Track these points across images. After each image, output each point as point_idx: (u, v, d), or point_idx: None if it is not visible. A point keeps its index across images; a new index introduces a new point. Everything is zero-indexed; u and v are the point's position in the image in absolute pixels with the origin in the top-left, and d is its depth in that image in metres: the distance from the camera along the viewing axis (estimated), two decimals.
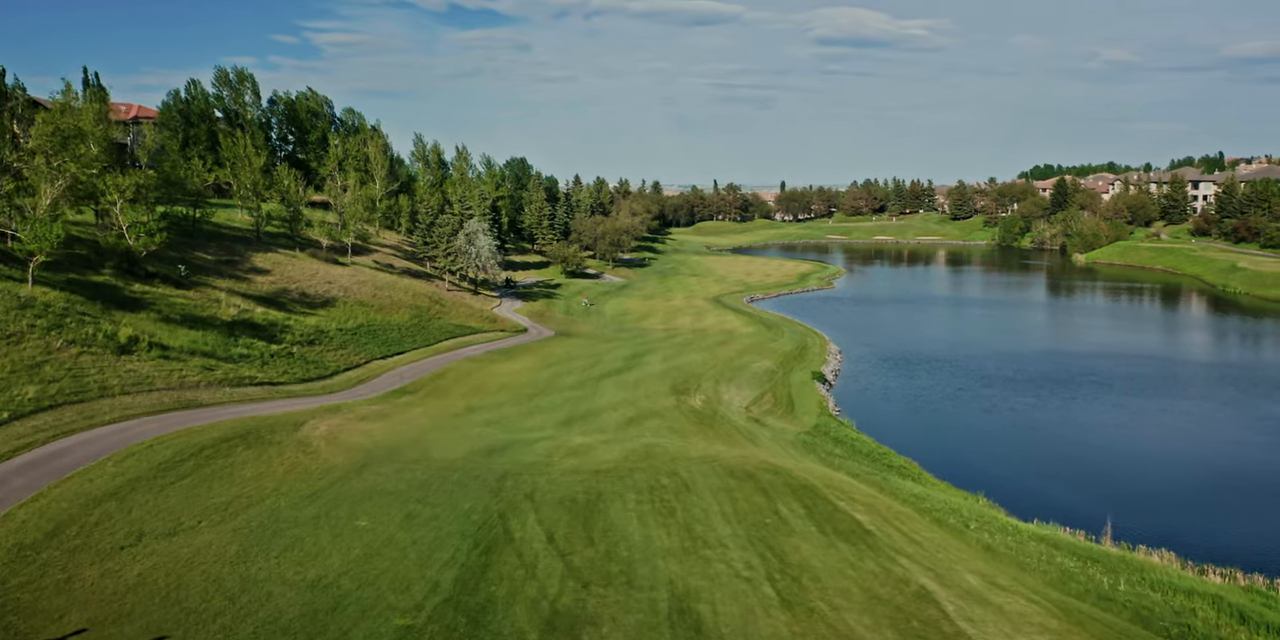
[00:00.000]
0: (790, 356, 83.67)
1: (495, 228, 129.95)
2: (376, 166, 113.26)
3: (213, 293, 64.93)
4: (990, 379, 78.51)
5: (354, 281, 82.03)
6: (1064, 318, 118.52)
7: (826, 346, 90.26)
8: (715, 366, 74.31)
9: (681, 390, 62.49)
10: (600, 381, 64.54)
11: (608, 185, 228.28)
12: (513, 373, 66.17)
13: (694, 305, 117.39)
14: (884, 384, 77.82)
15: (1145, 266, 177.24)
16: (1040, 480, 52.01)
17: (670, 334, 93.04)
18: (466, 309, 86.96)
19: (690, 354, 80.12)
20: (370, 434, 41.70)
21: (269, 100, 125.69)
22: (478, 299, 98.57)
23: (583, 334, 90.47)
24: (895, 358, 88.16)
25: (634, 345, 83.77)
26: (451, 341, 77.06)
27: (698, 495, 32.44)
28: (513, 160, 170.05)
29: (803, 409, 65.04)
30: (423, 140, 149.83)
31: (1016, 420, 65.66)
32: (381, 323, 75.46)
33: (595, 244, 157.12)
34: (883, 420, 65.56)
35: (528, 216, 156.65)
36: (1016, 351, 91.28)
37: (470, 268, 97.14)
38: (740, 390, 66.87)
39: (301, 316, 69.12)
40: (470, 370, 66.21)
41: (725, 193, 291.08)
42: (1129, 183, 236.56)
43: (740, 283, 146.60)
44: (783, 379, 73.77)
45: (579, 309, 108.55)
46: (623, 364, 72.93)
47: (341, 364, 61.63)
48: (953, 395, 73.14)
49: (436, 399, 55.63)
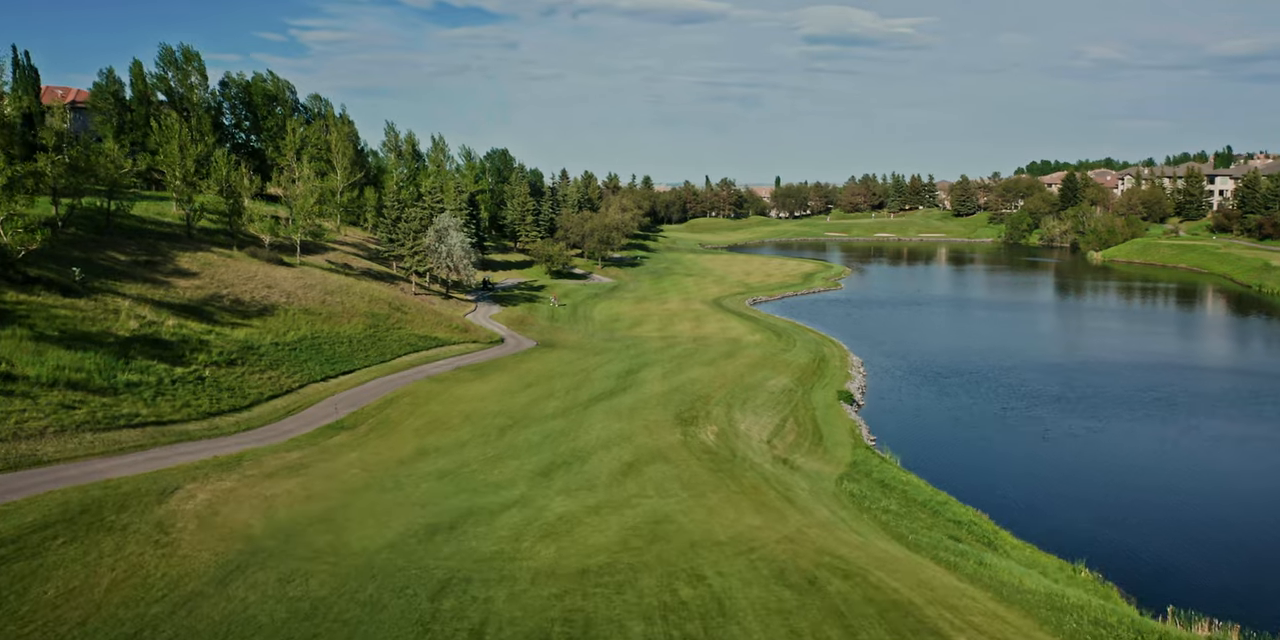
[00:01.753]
0: (808, 371, 72.32)
1: (473, 224, 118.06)
2: (338, 155, 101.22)
3: (113, 301, 52.95)
4: (1036, 396, 67.65)
5: (300, 285, 70.13)
6: (1098, 322, 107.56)
7: (847, 358, 78.93)
8: (724, 385, 62.87)
9: (688, 419, 50.95)
10: (589, 408, 52.94)
11: (596, 180, 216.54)
12: (482, 397, 54.47)
13: (692, 309, 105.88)
14: (917, 404, 66.69)
15: (1167, 265, 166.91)
16: (1141, 538, 40.88)
17: (668, 343, 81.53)
18: (434, 316, 75.13)
19: (693, 368, 68.65)
20: (269, 505, 29.95)
21: (220, 82, 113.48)
22: (449, 304, 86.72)
23: (568, 344, 78.80)
24: (924, 370, 77.07)
25: (628, 358, 72.23)
26: (412, 356, 65.27)
27: (739, 624, 20.95)
28: (494, 152, 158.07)
29: (833, 440, 53.69)
30: (394, 129, 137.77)
31: (1081, 449, 54.79)
32: (329, 334, 63.61)
33: (583, 242, 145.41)
34: (926, 451, 54.53)
35: (510, 212, 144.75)
36: (1058, 362, 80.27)
37: (441, 268, 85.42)
38: (758, 417, 55.40)
39: (227, 329, 57.22)
40: (430, 394, 54.47)
41: (719, 188, 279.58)
42: (1141, 178, 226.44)
43: (740, 283, 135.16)
44: (804, 400, 62.39)
45: (564, 314, 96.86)
46: (615, 383, 61.36)
47: (267, 390, 49.79)
48: (998, 417, 62.25)
49: (380, 438, 43.88)
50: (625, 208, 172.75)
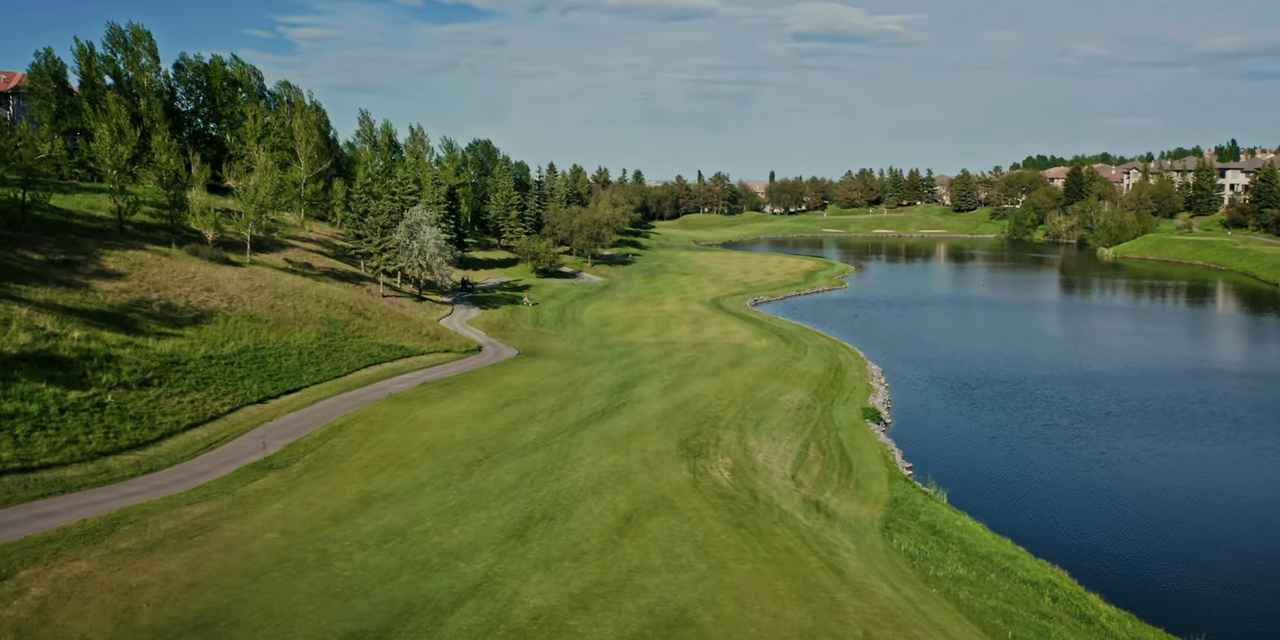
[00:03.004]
0: (825, 383, 64.07)
1: (452, 219, 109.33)
2: (301, 143, 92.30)
3: (8, 309, 44.17)
4: (1081, 411, 59.90)
5: (246, 288, 61.39)
6: (1128, 324, 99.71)
7: (866, 367, 70.70)
8: (732, 401, 54.55)
9: (695, 449, 42.57)
10: (576, 434, 44.48)
11: (585, 174, 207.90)
12: (450, 421, 45.92)
13: (690, 311, 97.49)
14: (949, 421, 58.65)
15: (1183, 262, 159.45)
16: (1247, 596, 32.81)
17: (666, 350, 73.14)
18: (401, 322, 66.45)
19: (696, 381, 60.31)
20: (130, 604, 21.41)
21: (175, 65, 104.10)
22: (421, 307, 78.04)
23: (555, 353, 70.29)
24: (950, 380, 69.05)
25: (621, 369, 63.82)
26: (373, 369, 56.64)
27: None
28: (476, 143, 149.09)
29: (866, 470, 45.44)
30: (369, 118, 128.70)
31: (1146, 477, 47.14)
32: (275, 345, 54.93)
33: (571, 238, 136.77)
34: (971, 482, 46.68)
35: (493, 206, 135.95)
36: (1097, 370, 72.31)
37: (412, 267, 76.78)
38: (775, 443, 47.05)
39: (150, 341, 48.50)
40: (388, 418, 45.90)
41: (713, 183, 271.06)
42: (1148, 172, 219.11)
43: (739, 282, 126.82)
44: (825, 419, 54.09)
45: (550, 318, 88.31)
46: (607, 400, 52.91)
47: (188, 417, 41.14)
48: (1042, 436, 54.52)
49: (317, 479, 35.31)
50: (616, 202, 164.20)
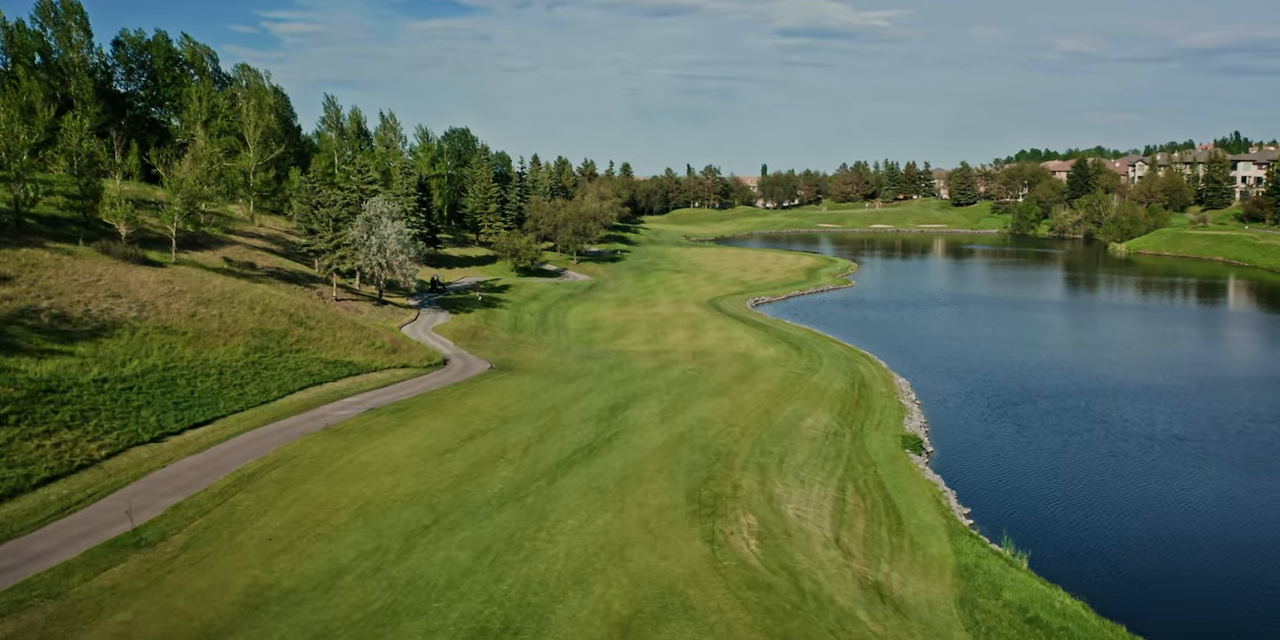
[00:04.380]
0: (849, 401, 54.76)
1: (423, 212, 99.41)
2: (250, 127, 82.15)
3: None
4: (1146, 433, 51.61)
5: (164, 293, 51.47)
6: (1165, 326, 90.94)
7: (892, 382, 61.44)
8: (746, 429, 45.17)
9: (709, 502, 33.16)
10: (556, 481, 34.98)
11: (570, 167, 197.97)
12: (393, 465, 36.28)
13: (686, 313, 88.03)
14: (997, 448, 49.75)
15: (1201, 257, 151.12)
16: None
17: (662, 362, 63.72)
18: (352, 332, 56.60)
19: (700, 400, 50.93)
20: None
21: (114, 41, 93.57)
22: (381, 312, 68.18)
23: (533, 366, 60.67)
24: (987, 395, 60.13)
25: (612, 386, 54.34)
26: (311, 392, 46.86)
27: None
28: (453, 132, 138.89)
29: (917, 520, 36.24)
30: (335, 104, 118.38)
31: (1259, 525, 38.06)
32: (191, 364, 45.11)
33: (555, 233, 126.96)
34: (1046, 534, 38.28)
35: (470, 199, 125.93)
36: (1148, 383, 63.54)
37: (371, 266, 66.99)
38: (806, 488, 37.67)
39: (27, 361, 38.68)
40: (316, 462, 36.21)
41: (703, 176, 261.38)
42: (1156, 164, 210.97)
43: (737, 281, 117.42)
44: (858, 451, 44.76)
45: (530, 323, 78.63)
46: (595, 431, 43.41)
47: (46, 466, 31.37)
48: (1110, 468, 46.34)
49: (194, 567, 25.63)
50: (604, 196, 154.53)
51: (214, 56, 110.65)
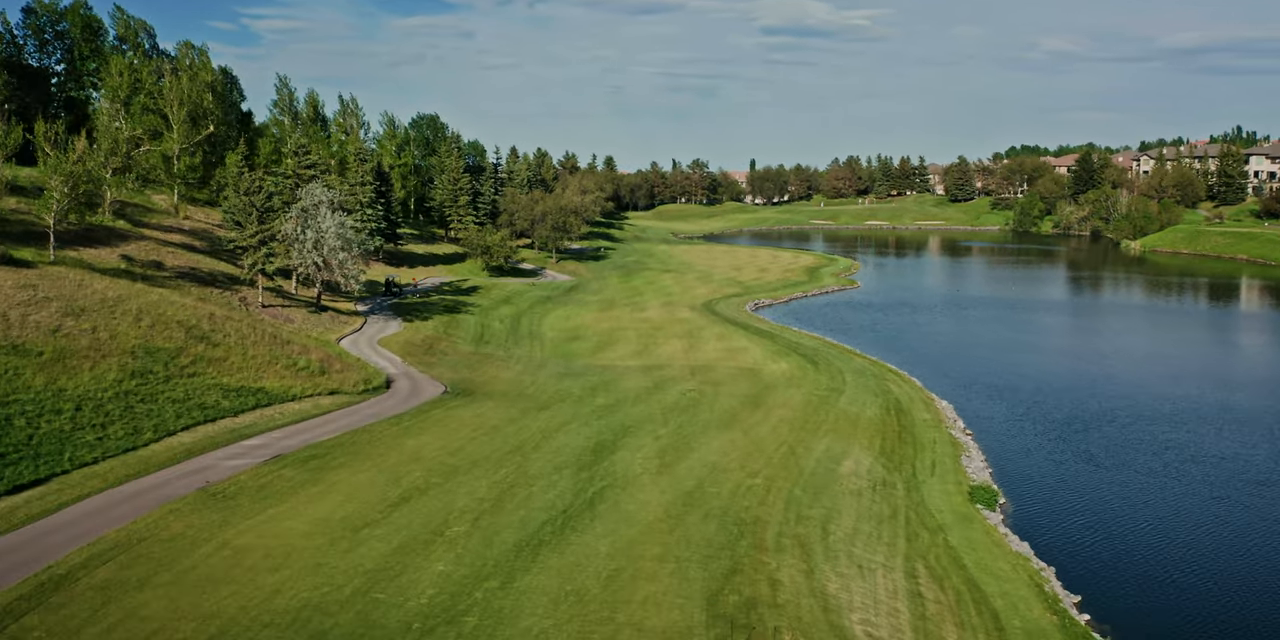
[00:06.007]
0: (889, 434, 44.26)
1: (381, 204, 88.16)
2: (173, 104, 70.62)
3: None
4: (1250, 471, 41.89)
5: (22, 301, 40.20)
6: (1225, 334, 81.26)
7: (933, 405, 50.96)
8: (772, 480, 34.60)
9: (739, 618, 22.48)
10: (514, 579, 24.21)
11: (551, 159, 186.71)
12: (282, 553, 25.37)
13: (679, 319, 77.31)
14: (1079, 493, 40.68)
15: (1223, 255, 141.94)
16: None
17: (656, 381, 53.04)
18: (272, 348, 45.39)
19: (706, 436, 40.33)
20: None
21: (24, 9, 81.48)
22: (319, 321, 56.99)
23: (499, 388, 49.72)
24: (1042, 419, 50.63)
25: (595, 416, 43.57)
26: (198, 433, 35.75)
27: None
28: (421, 118, 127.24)
29: (1023, 629, 25.73)
30: (289, 85, 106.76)
31: None
32: (40, 395, 33.96)
33: (533, 229, 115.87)
34: (1181, 628, 27.53)
35: (438, 191, 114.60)
36: (1234, 404, 54.16)
37: (306, 265, 55.89)
38: (867, 581, 27.07)
39: None
40: (170, 550, 25.25)
41: (691, 170, 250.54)
42: (1163, 158, 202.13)
43: (732, 281, 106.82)
44: (918, 512, 34.23)
45: (500, 331, 67.65)
46: (572, 488, 32.60)
47: None
48: (1223, 519, 38.20)
49: None
50: (586, 189, 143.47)
51: (151, 31, 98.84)
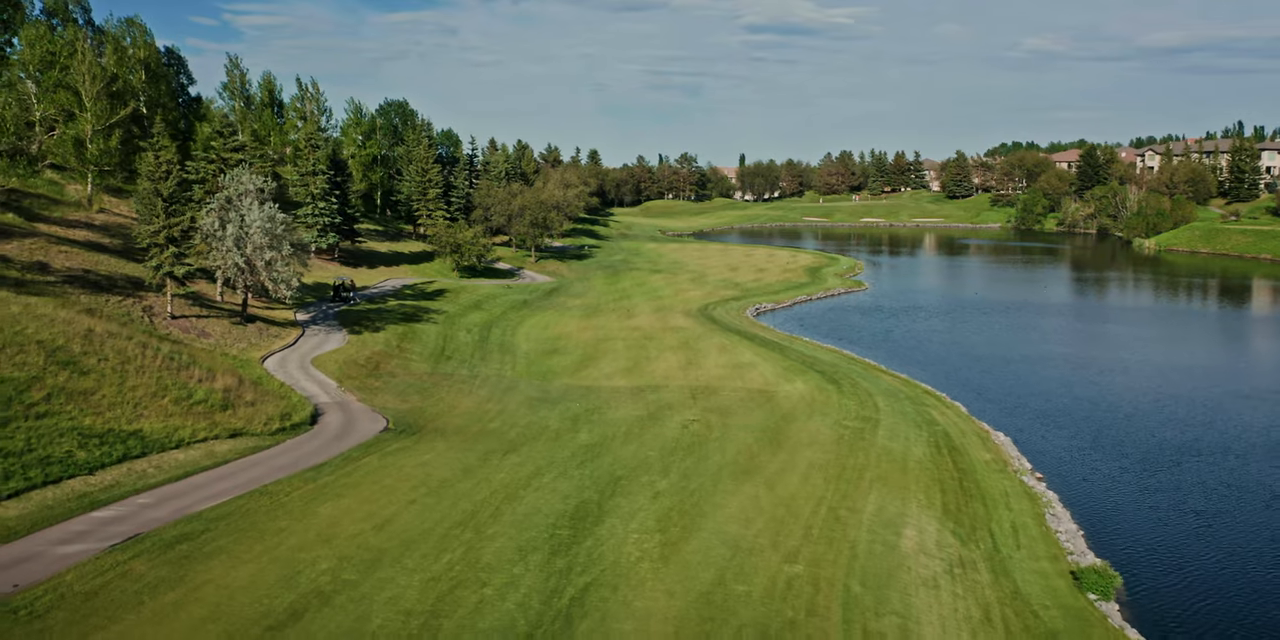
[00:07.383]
0: (948, 482, 35.04)
1: (335, 196, 78.14)
2: (84, 79, 60.45)
3: None
4: None
5: None
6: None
7: (989, 440, 41.72)
8: (818, 569, 25.25)
9: None
10: None
11: (532, 151, 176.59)
12: None
13: (673, 327, 67.85)
14: (1201, 563, 31.36)
15: (1245, 255, 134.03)
16: None
17: (650, 407, 43.55)
18: (161, 376, 35.56)
19: (719, 496, 30.99)
20: None
21: None
22: (243, 335, 47.14)
23: (454, 421, 40.03)
24: (1113, 451, 42.70)
25: (576, 461, 34.06)
26: (32, 500, 26.02)
27: None
28: (389, 104, 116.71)
29: None
30: (239, 66, 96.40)
31: None
32: None
33: (510, 225, 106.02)
34: None
35: (406, 183, 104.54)
36: None
37: (228, 266, 46.08)
38: None
39: None
40: None
41: (679, 165, 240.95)
42: (1171, 153, 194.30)
43: (728, 282, 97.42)
44: (1016, 613, 25.04)
45: (465, 344, 57.88)
46: (541, 589, 23.15)
47: None
48: None
49: None
50: (569, 183, 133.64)
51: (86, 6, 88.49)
